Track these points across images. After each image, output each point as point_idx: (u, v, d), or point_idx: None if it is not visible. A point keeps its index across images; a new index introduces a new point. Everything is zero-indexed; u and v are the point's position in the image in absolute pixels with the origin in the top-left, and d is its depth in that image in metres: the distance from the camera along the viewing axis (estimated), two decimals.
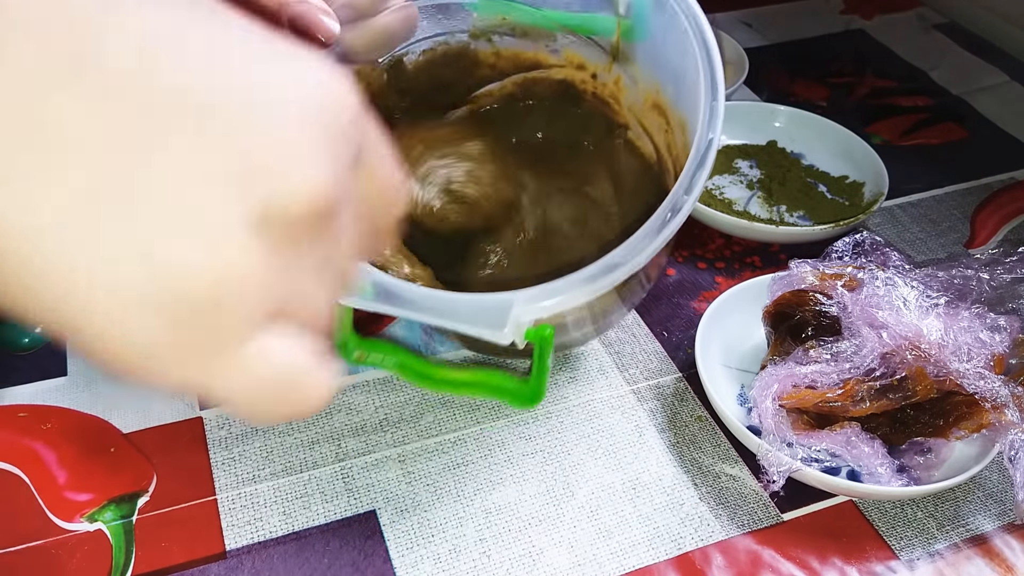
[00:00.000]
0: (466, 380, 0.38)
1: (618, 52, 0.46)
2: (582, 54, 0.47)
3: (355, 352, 0.39)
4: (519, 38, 0.48)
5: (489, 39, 0.48)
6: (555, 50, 0.48)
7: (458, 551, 0.41)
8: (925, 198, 0.64)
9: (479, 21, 0.47)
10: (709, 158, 0.36)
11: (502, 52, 0.49)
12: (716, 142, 0.36)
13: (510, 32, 0.48)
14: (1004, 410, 0.40)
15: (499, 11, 0.46)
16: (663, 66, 0.44)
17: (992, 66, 0.80)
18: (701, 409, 0.48)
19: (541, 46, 0.48)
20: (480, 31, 0.48)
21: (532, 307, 0.33)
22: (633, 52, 0.45)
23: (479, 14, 0.46)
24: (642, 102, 0.46)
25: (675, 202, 0.35)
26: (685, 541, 0.42)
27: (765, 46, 0.82)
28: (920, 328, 0.42)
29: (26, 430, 0.45)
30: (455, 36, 0.48)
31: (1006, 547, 0.42)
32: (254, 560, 0.40)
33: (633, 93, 0.47)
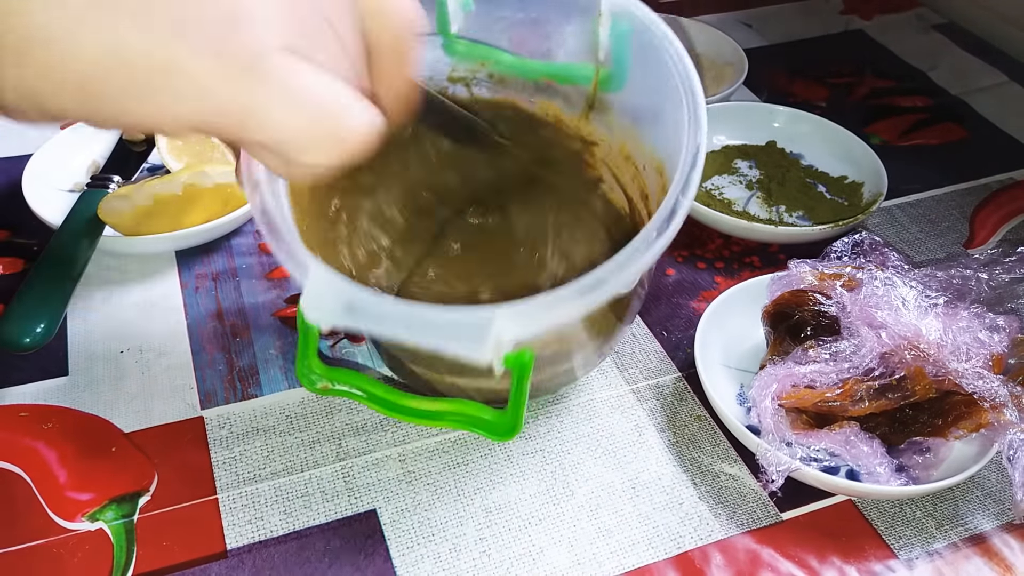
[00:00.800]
0: (438, 410, 0.36)
1: (594, 101, 0.45)
2: (558, 104, 0.47)
3: (319, 381, 0.37)
4: (496, 85, 0.48)
5: (467, 84, 0.48)
6: (531, 101, 0.48)
7: (458, 550, 0.41)
8: (924, 198, 0.65)
9: (457, 65, 0.47)
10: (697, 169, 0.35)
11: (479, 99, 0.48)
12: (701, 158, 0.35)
13: (487, 79, 0.47)
14: (1003, 410, 0.41)
15: (478, 56, 0.46)
16: (641, 111, 0.43)
17: (991, 66, 0.80)
18: (700, 409, 0.48)
19: (517, 95, 0.48)
20: (458, 76, 0.47)
21: (514, 322, 0.31)
22: (610, 100, 0.44)
23: (457, 59, 0.46)
24: (616, 151, 0.46)
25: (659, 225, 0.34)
26: (684, 540, 0.42)
27: (765, 46, 0.83)
28: (919, 328, 0.42)
29: (27, 430, 0.46)
30: (433, 80, 0.47)
31: (1005, 546, 0.42)
32: (255, 559, 0.40)
33: (607, 144, 0.46)
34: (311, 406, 0.47)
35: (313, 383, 0.37)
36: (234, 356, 0.50)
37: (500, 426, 0.35)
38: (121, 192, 0.54)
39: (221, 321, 0.52)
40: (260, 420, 0.47)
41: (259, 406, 0.47)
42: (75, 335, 0.51)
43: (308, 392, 0.48)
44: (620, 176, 0.46)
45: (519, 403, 0.34)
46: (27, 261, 0.55)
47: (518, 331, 0.31)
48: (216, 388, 0.48)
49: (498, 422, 0.35)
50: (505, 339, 0.31)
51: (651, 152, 0.42)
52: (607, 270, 0.32)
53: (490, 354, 0.30)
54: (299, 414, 0.47)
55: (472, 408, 0.36)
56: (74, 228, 0.53)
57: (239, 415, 0.47)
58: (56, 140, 0.61)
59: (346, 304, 0.32)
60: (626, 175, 0.46)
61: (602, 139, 0.46)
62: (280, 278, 0.55)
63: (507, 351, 0.31)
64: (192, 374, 0.49)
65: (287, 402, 0.48)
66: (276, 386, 0.48)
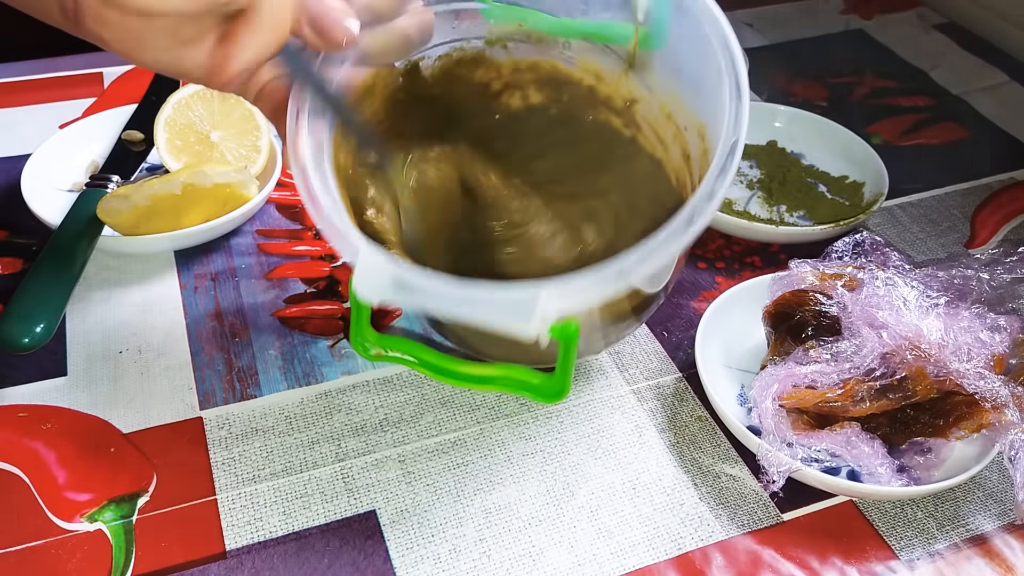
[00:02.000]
0: (489, 375, 0.37)
1: (634, 60, 0.45)
2: (598, 62, 0.47)
3: (373, 349, 0.38)
4: (535, 44, 0.47)
5: (505, 46, 0.48)
6: (570, 59, 0.48)
7: (458, 551, 0.41)
8: (925, 198, 0.64)
9: (494, 28, 0.47)
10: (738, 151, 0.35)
11: (518, 61, 0.48)
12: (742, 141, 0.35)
13: (525, 39, 0.47)
14: (1004, 410, 0.40)
15: (515, 18, 0.46)
16: (681, 73, 0.43)
17: (992, 66, 0.80)
18: (701, 409, 0.48)
19: (556, 54, 0.48)
20: (496, 38, 0.47)
21: (559, 298, 0.31)
22: (650, 60, 0.44)
23: (494, 21, 0.46)
24: (657, 111, 0.46)
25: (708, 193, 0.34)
26: (685, 541, 0.42)
27: (765, 46, 0.83)
28: (920, 328, 0.42)
29: (26, 430, 0.45)
30: (471, 42, 0.47)
31: (1006, 547, 0.42)
32: (254, 560, 0.40)
33: (648, 102, 0.46)
34: (310, 407, 0.47)
35: (367, 350, 0.38)
36: (233, 356, 0.50)
37: (548, 389, 0.36)
38: (120, 192, 0.54)
39: (220, 321, 0.52)
40: (259, 421, 0.47)
41: (258, 406, 0.47)
42: (74, 335, 0.51)
43: (307, 392, 0.48)
44: (661, 135, 0.46)
45: (567, 369, 0.35)
46: (26, 261, 0.55)
47: (563, 305, 0.32)
48: (215, 388, 0.48)
49: (546, 385, 0.36)
50: (550, 313, 0.31)
51: (692, 114, 0.42)
52: (656, 243, 0.33)
53: (536, 328, 0.31)
54: (298, 415, 0.47)
55: (521, 373, 0.36)
56: (73, 228, 0.53)
57: (238, 415, 0.47)
58: (55, 140, 0.61)
59: (395, 282, 0.33)
60: (667, 133, 0.46)
61: (642, 97, 0.46)
62: (279, 278, 0.55)
63: (553, 323, 0.32)
64: (191, 374, 0.49)
65: (286, 403, 0.47)
66: (275, 386, 0.48)
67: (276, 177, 0.59)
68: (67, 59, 0.74)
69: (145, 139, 0.62)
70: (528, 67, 0.48)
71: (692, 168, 0.43)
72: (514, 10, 0.45)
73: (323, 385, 0.48)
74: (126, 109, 0.64)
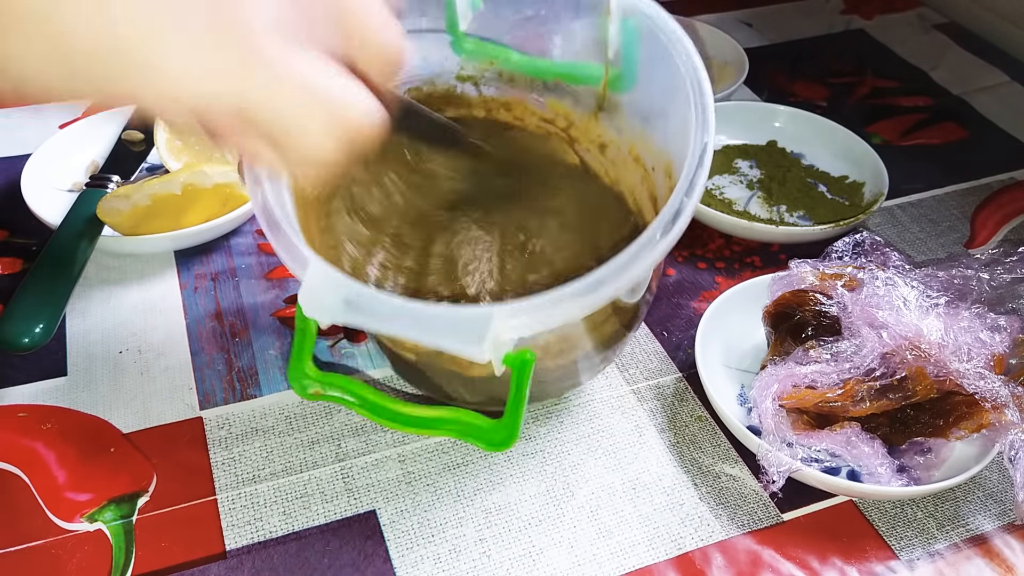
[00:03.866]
0: (433, 418, 0.35)
1: (604, 102, 0.45)
2: (567, 104, 0.47)
3: (311, 387, 0.36)
4: (505, 84, 0.47)
5: (475, 83, 0.47)
6: (540, 101, 0.47)
7: (458, 551, 0.41)
8: (925, 198, 0.64)
9: (466, 63, 0.46)
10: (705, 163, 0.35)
11: (487, 98, 0.48)
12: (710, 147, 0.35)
13: (496, 78, 0.47)
14: (1004, 410, 0.40)
15: (487, 55, 0.46)
16: (650, 111, 0.43)
17: (992, 66, 0.80)
18: (701, 409, 0.48)
19: (527, 94, 0.48)
20: (467, 75, 0.47)
21: (514, 320, 0.30)
22: (620, 101, 0.44)
23: (466, 57, 0.46)
24: (626, 153, 0.45)
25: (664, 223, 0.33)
26: (685, 541, 0.42)
27: (765, 46, 0.82)
28: (920, 328, 0.42)
29: (26, 430, 0.45)
30: (441, 78, 0.47)
31: (1006, 547, 0.42)
32: (254, 560, 0.40)
33: (617, 145, 0.46)
34: (310, 407, 0.47)
35: (304, 388, 0.36)
36: (233, 356, 0.50)
37: (496, 435, 0.34)
38: (120, 192, 0.54)
39: (220, 321, 0.52)
40: (259, 421, 0.46)
41: (258, 407, 0.47)
42: (74, 335, 0.51)
43: None
44: (629, 179, 0.46)
45: (517, 408, 0.33)
46: (26, 261, 0.55)
47: (517, 330, 0.31)
48: (215, 388, 0.48)
49: (494, 431, 0.34)
50: (504, 338, 0.31)
51: (660, 152, 0.42)
52: (608, 271, 0.32)
53: (488, 353, 0.30)
54: (298, 415, 0.47)
55: (467, 416, 0.34)
56: (73, 228, 0.53)
57: (238, 416, 0.47)
58: (55, 140, 0.61)
59: (345, 300, 0.32)
60: (635, 177, 0.45)
61: (611, 141, 0.46)
62: (279, 278, 0.55)
63: (507, 350, 0.31)
64: (191, 374, 0.49)
65: (286, 402, 0.47)
66: (275, 386, 0.48)
67: None
68: None
69: (145, 139, 0.62)
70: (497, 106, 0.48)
71: (658, 207, 0.43)
72: (486, 47, 0.45)
73: None
74: (126, 109, 0.64)
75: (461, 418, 0.34)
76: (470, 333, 0.30)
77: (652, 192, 0.44)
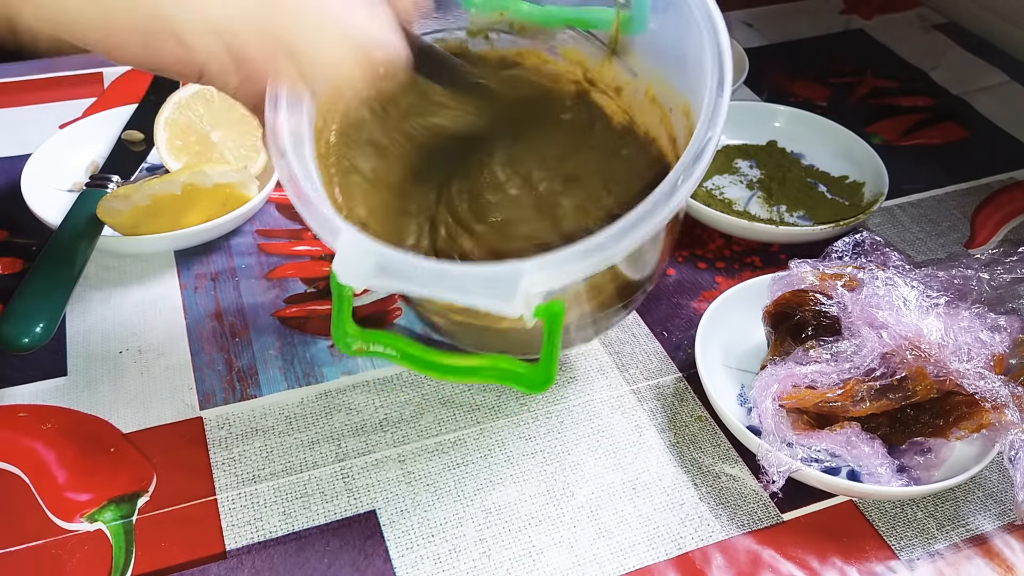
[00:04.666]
0: (473, 366, 0.36)
1: (616, 45, 0.45)
2: (581, 50, 0.47)
3: (355, 344, 0.37)
4: (517, 35, 0.47)
5: (487, 36, 0.47)
6: (553, 47, 0.47)
7: (458, 551, 0.41)
8: (925, 198, 0.64)
9: (476, 18, 0.46)
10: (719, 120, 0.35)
11: (500, 51, 0.48)
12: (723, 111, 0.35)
13: (507, 29, 0.47)
14: (1004, 410, 0.40)
15: (496, 7, 0.46)
16: (664, 52, 0.43)
17: (992, 66, 0.80)
18: (701, 409, 0.48)
19: (539, 43, 0.48)
20: (477, 28, 0.47)
21: (543, 275, 0.31)
22: (632, 43, 0.45)
23: (476, 11, 0.46)
24: (642, 95, 0.46)
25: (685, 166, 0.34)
26: (685, 541, 0.42)
27: (765, 46, 0.82)
28: (920, 328, 0.42)
29: (26, 430, 0.45)
30: (452, 33, 0.47)
31: (1006, 547, 0.42)
32: (254, 560, 0.40)
33: (633, 87, 0.46)
34: (310, 407, 0.47)
35: (349, 346, 0.37)
36: (233, 356, 0.50)
37: (534, 378, 0.35)
38: (120, 192, 0.54)
39: (220, 321, 0.52)
40: (259, 420, 0.46)
41: (258, 406, 0.47)
42: (74, 335, 0.51)
43: (307, 392, 0.48)
44: (647, 120, 0.46)
45: (552, 354, 0.34)
46: (26, 261, 0.55)
47: (548, 283, 0.31)
48: (215, 388, 0.48)
49: (531, 375, 0.35)
50: (535, 291, 0.31)
51: (677, 94, 0.42)
52: (637, 215, 0.32)
53: (520, 308, 0.31)
54: (298, 415, 0.47)
55: (506, 362, 0.36)
56: (73, 228, 0.53)
57: (238, 415, 0.47)
58: (55, 140, 0.61)
59: (377, 265, 0.32)
60: (653, 118, 0.45)
61: (626, 83, 0.46)
62: (279, 278, 0.55)
63: (538, 303, 0.32)
64: (191, 374, 0.49)
65: (286, 402, 0.47)
66: (275, 386, 0.48)
67: (276, 177, 0.59)
68: (67, 59, 0.74)
69: (145, 139, 0.62)
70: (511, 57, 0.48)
71: (678, 151, 0.43)
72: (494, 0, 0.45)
73: (323, 385, 0.48)
74: (126, 109, 0.64)
75: (499, 364, 0.36)
76: (501, 290, 0.31)
77: (671, 132, 0.44)
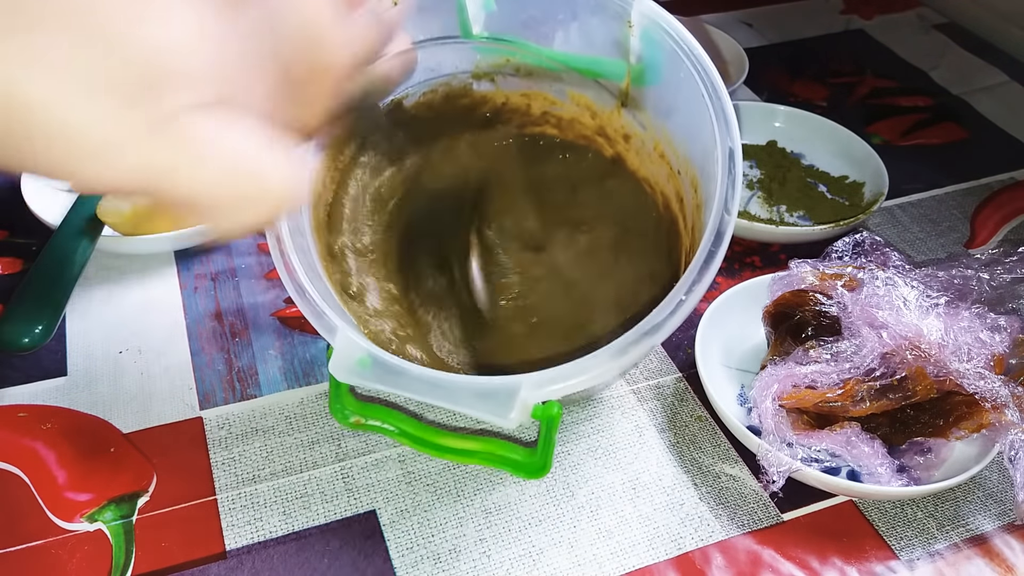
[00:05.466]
0: (470, 450, 0.37)
1: (627, 97, 0.44)
2: (588, 96, 0.46)
3: (352, 417, 0.39)
4: (523, 79, 0.47)
5: (492, 79, 0.47)
6: (560, 91, 0.47)
7: (458, 551, 0.41)
8: (925, 198, 0.64)
9: (482, 62, 0.46)
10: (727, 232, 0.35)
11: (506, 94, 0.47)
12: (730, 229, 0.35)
13: (514, 73, 0.46)
14: (1004, 410, 0.40)
15: (503, 52, 0.45)
16: (675, 116, 0.42)
17: (992, 66, 0.80)
18: (701, 409, 0.48)
19: (546, 87, 0.47)
20: (483, 72, 0.46)
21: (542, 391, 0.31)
22: (643, 97, 0.43)
23: (482, 55, 0.45)
24: (651, 149, 0.45)
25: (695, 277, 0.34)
26: (685, 541, 0.42)
27: (765, 46, 0.82)
28: (920, 328, 0.42)
29: (26, 430, 0.45)
30: (457, 77, 0.47)
31: (1006, 547, 0.42)
32: (254, 560, 0.40)
33: (642, 139, 0.45)
34: (310, 407, 0.47)
35: (346, 418, 0.39)
36: (233, 356, 0.50)
37: (530, 466, 0.36)
38: None
39: (220, 321, 0.52)
40: (259, 421, 0.46)
41: (258, 406, 0.47)
42: (74, 335, 0.51)
43: (307, 392, 0.48)
44: (656, 174, 0.46)
45: (548, 446, 0.35)
46: (26, 261, 0.55)
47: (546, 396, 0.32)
48: (215, 388, 0.48)
49: (528, 462, 0.36)
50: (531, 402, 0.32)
51: (686, 161, 0.42)
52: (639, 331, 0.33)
53: (516, 420, 0.31)
54: (298, 415, 0.47)
55: (502, 448, 0.37)
56: (73, 228, 0.53)
57: (238, 415, 0.47)
58: None
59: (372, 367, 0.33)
60: (661, 173, 0.45)
61: (635, 133, 0.46)
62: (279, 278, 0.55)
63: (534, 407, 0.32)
64: (191, 374, 0.49)
65: (286, 402, 0.47)
66: (275, 386, 0.48)
67: None
68: None
69: None
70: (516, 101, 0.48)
71: (685, 211, 0.43)
72: (502, 43, 0.44)
73: (323, 385, 0.48)
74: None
75: (495, 450, 0.37)
76: (497, 404, 0.31)
77: (679, 192, 0.43)
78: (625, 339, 0.33)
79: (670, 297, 0.34)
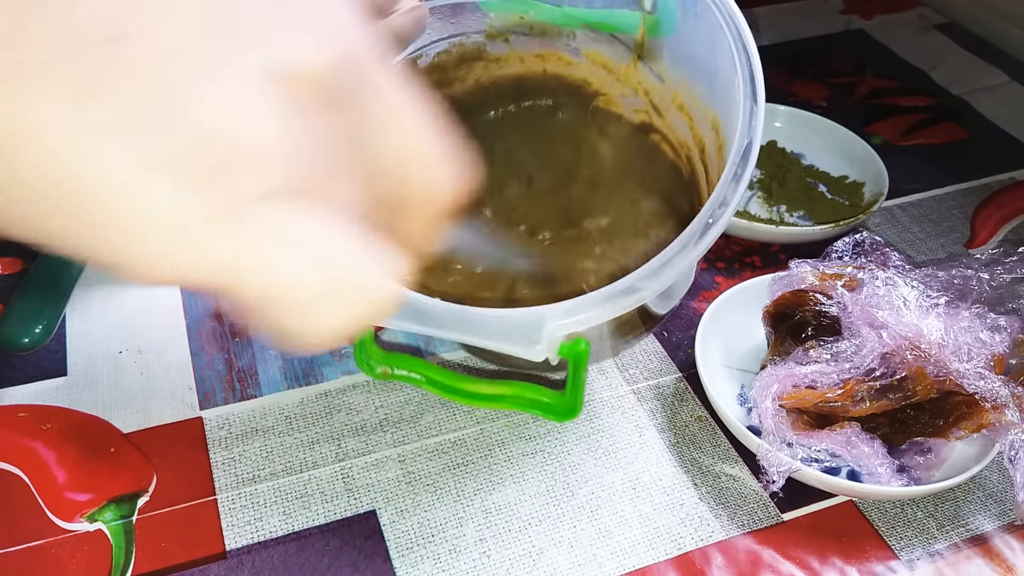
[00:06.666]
0: (499, 394, 0.37)
1: (643, 49, 0.44)
2: (604, 52, 0.46)
3: (379, 367, 0.38)
4: (537, 37, 0.46)
5: (506, 39, 0.46)
6: (575, 49, 0.46)
7: (458, 551, 0.41)
8: (925, 198, 0.64)
9: (495, 21, 0.46)
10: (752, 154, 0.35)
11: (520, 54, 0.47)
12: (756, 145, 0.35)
13: (527, 31, 0.46)
14: (1004, 410, 0.40)
15: (516, 10, 0.45)
16: (693, 62, 0.42)
17: (992, 66, 0.80)
18: (701, 409, 0.48)
19: (560, 45, 0.47)
20: (496, 31, 0.46)
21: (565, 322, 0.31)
22: (659, 48, 0.43)
23: (495, 14, 0.45)
24: (669, 101, 0.45)
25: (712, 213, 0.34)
26: (685, 541, 0.42)
27: (765, 46, 0.82)
28: (920, 328, 0.42)
29: (26, 430, 0.45)
30: (470, 37, 0.46)
31: (1006, 547, 0.42)
32: (254, 560, 0.40)
33: (660, 92, 0.45)
34: (310, 407, 0.47)
35: (373, 368, 0.38)
36: (233, 356, 0.50)
37: (560, 407, 0.35)
38: None
39: (220, 321, 0.52)
40: (259, 421, 0.46)
41: (258, 406, 0.47)
42: (74, 335, 0.51)
43: (307, 392, 0.48)
44: (674, 126, 0.45)
45: (578, 387, 0.34)
46: (26, 261, 0.55)
47: (572, 327, 0.31)
48: (215, 388, 0.48)
49: (558, 404, 0.35)
50: (558, 335, 0.31)
51: (705, 106, 0.41)
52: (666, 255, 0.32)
53: (544, 352, 0.31)
54: (298, 415, 0.47)
55: (531, 391, 0.36)
56: None
57: (238, 415, 0.47)
58: None
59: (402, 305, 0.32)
60: (681, 124, 0.45)
61: (653, 87, 0.45)
62: None
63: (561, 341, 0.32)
64: (191, 374, 0.49)
65: (286, 402, 0.47)
66: (275, 386, 0.48)
67: None
68: None
69: None
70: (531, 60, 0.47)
71: (707, 161, 0.43)
72: (515, 2, 0.44)
73: (323, 385, 0.48)
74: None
75: (524, 393, 0.36)
76: (524, 336, 0.31)
77: (700, 142, 0.43)
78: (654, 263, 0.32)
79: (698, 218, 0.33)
